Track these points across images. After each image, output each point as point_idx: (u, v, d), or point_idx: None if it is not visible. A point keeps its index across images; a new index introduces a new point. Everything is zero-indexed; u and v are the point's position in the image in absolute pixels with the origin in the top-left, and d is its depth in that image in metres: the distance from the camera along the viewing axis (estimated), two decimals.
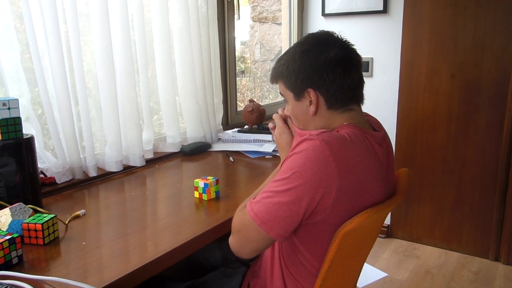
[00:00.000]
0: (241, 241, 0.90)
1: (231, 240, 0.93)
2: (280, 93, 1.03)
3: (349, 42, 0.97)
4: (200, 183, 1.23)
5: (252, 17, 3.40)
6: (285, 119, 1.10)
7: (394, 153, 2.64)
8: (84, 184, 1.42)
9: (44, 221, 0.94)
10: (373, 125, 1.01)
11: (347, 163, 0.83)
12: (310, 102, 0.95)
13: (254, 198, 0.89)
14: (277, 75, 1.00)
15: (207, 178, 1.25)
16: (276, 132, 1.11)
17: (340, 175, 0.81)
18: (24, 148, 1.09)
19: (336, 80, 0.92)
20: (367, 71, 2.69)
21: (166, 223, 1.09)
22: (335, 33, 0.97)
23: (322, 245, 0.89)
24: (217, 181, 1.25)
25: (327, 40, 0.95)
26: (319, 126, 0.97)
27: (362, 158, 0.86)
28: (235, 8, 2.19)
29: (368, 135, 0.92)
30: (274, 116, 1.13)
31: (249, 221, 0.86)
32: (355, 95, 0.96)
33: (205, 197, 1.23)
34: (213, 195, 1.24)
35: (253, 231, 0.86)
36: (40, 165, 1.35)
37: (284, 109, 1.11)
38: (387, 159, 0.96)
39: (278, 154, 1.72)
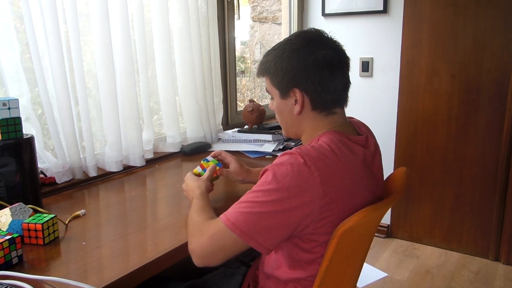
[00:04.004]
0: (213, 248, 0.87)
1: (197, 243, 0.89)
2: (266, 89, 1.03)
3: (339, 43, 0.97)
4: (198, 168, 1.20)
5: (252, 17, 3.40)
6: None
7: (394, 153, 2.66)
8: (84, 184, 1.42)
9: (44, 221, 0.94)
10: (357, 128, 1.02)
11: (329, 171, 0.84)
12: (296, 101, 0.96)
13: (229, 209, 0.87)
14: (264, 71, 1.00)
15: (208, 162, 1.20)
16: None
17: (322, 183, 0.82)
18: (24, 148, 1.09)
19: (322, 82, 0.92)
20: (367, 71, 2.69)
21: (166, 223, 1.09)
22: (326, 33, 0.97)
23: (317, 255, 0.89)
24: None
25: (317, 40, 0.95)
26: (302, 126, 0.99)
27: (344, 162, 0.87)
28: (235, 8, 2.19)
29: (348, 139, 0.93)
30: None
31: (224, 229, 0.85)
32: (340, 98, 0.97)
33: None
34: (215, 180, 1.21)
35: (230, 240, 0.84)
36: (40, 165, 1.35)
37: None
38: (372, 160, 0.97)
39: (278, 154, 1.71)
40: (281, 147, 1.80)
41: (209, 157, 1.24)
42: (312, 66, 0.92)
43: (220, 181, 1.29)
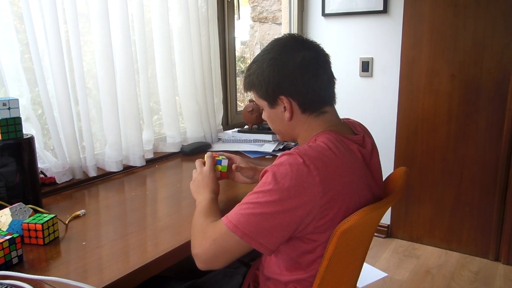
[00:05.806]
0: (216, 251, 0.87)
1: (200, 247, 0.88)
2: (255, 102, 1.04)
3: (315, 43, 0.98)
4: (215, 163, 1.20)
5: (252, 17, 3.40)
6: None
7: (394, 153, 2.66)
8: (84, 184, 1.42)
9: (44, 221, 0.94)
10: (352, 128, 1.03)
11: (327, 169, 0.84)
12: (284, 108, 0.97)
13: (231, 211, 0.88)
14: (249, 85, 1.02)
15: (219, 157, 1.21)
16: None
17: (321, 182, 0.82)
18: (24, 148, 1.09)
19: (306, 84, 0.94)
20: (367, 71, 2.69)
21: (166, 223, 1.09)
22: (301, 36, 0.99)
23: (318, 255, 0.89)
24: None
25: (293, 44, 0.96)
26: (296, 131, 1.00)
27: (343, 161, 0.87)
28: (235, 8, 2.19)
29: (345, 138, 0.93)
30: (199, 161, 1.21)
31: (227, 232, 0.85)
32: (327, 95, 0.98)
33: None
34: (224, 169, 1.21)
35: (233, 242, 0.85)
36: (40, 165, 1.35)
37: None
38: (370, 159, 0.98)
39: (278, 154, 1.72)
40: (281, 147, 1.80)
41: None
42: (293, 70, 0.93)
43: (221, 182, 1.28)
